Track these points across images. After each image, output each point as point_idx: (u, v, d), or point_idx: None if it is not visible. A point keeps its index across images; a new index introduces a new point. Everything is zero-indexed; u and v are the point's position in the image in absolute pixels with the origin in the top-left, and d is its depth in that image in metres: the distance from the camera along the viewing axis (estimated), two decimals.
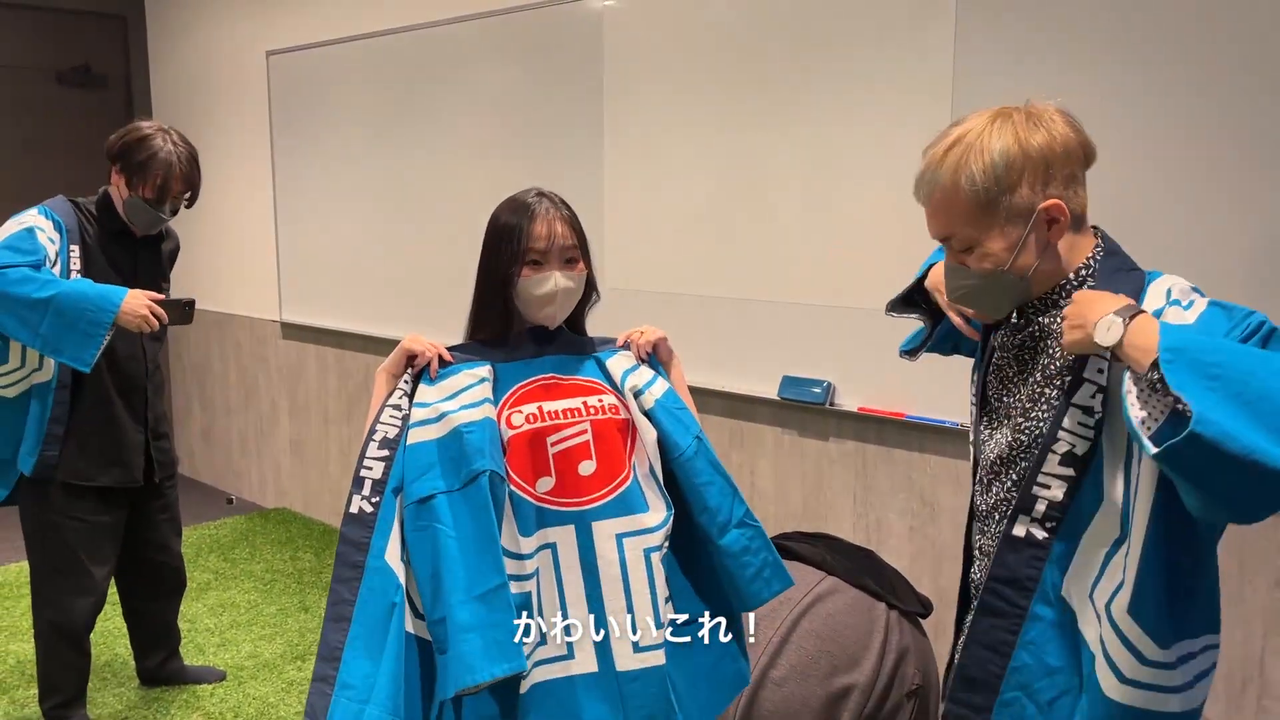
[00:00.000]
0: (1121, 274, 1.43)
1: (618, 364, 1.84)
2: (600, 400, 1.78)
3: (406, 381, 1.76)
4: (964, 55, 2.59)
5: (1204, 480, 1.17)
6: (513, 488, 1.69)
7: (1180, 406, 1.16)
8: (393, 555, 1.65)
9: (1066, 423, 1.40)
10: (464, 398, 1.71)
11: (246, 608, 3.89)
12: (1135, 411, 1.24)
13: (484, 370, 1.75)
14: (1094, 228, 1.48)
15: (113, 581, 3.04)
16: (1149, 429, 1.21)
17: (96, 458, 2.81)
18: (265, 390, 5.15)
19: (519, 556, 1.68)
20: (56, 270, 2.63)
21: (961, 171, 1.38)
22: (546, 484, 1.72)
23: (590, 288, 1.86)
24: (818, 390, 2.95)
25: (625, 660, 1.69)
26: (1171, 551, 1.32)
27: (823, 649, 2.41)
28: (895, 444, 2.86)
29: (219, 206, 5.24)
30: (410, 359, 1.77)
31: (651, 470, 1.77)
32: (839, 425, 2.97)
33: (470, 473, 1.64)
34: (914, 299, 1.81)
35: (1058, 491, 1.40)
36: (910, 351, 1.88)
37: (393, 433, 1.71)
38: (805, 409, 3.03)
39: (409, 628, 1.65)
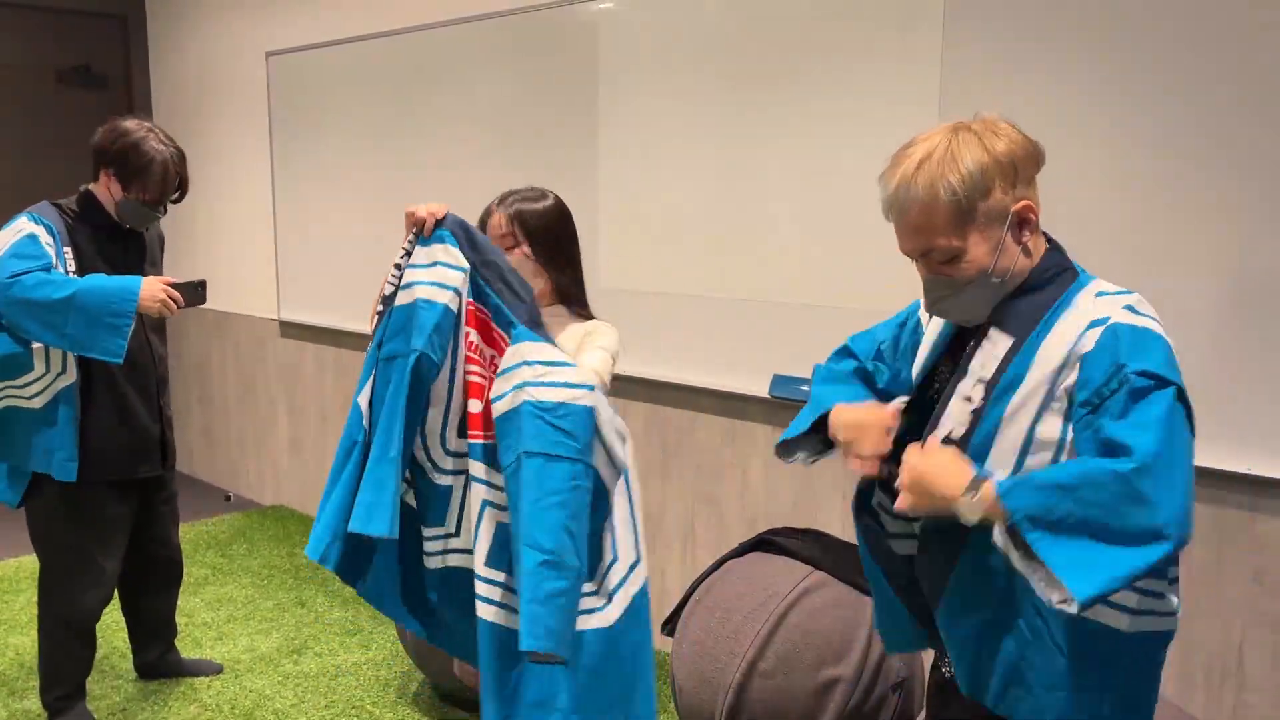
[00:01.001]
0: (1054, 272, 1.50)
1: (537, 349, 1.85)
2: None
3: (410, 241, 1.90)
4: (951, 63, 2.64)
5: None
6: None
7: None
8: (364, 396, 1.88)
9: (950, 407, 1.49)
10: (437, 273, 1.87)
11: (244, 602, 3.93)
12: (1030, 570, 1.39)
13: (459, 267, 1.89)
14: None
15: None
16: (1057, 593, 1.34)
17: (121, 452, 2.86)
18: (264, 389, 5.19)
19: (456, 454, 1.91)
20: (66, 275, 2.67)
21: (939, 183, 1.41)
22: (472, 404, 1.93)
23: (552, 269, 2.07)
24: (808, 388, 2.99)
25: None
26: None
27: (810, 642, 2.45)
28: None
29: (218, 206, 5.29)
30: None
31: None
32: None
33: (410, 348, 1.83)
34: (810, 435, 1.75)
35: None
36: (787, 447, 1.79)
37: (389, 290, 1.90)
38: (796, 407, 3.06)
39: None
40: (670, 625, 2.81)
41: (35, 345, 2.68)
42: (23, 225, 2.68)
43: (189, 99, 5.40)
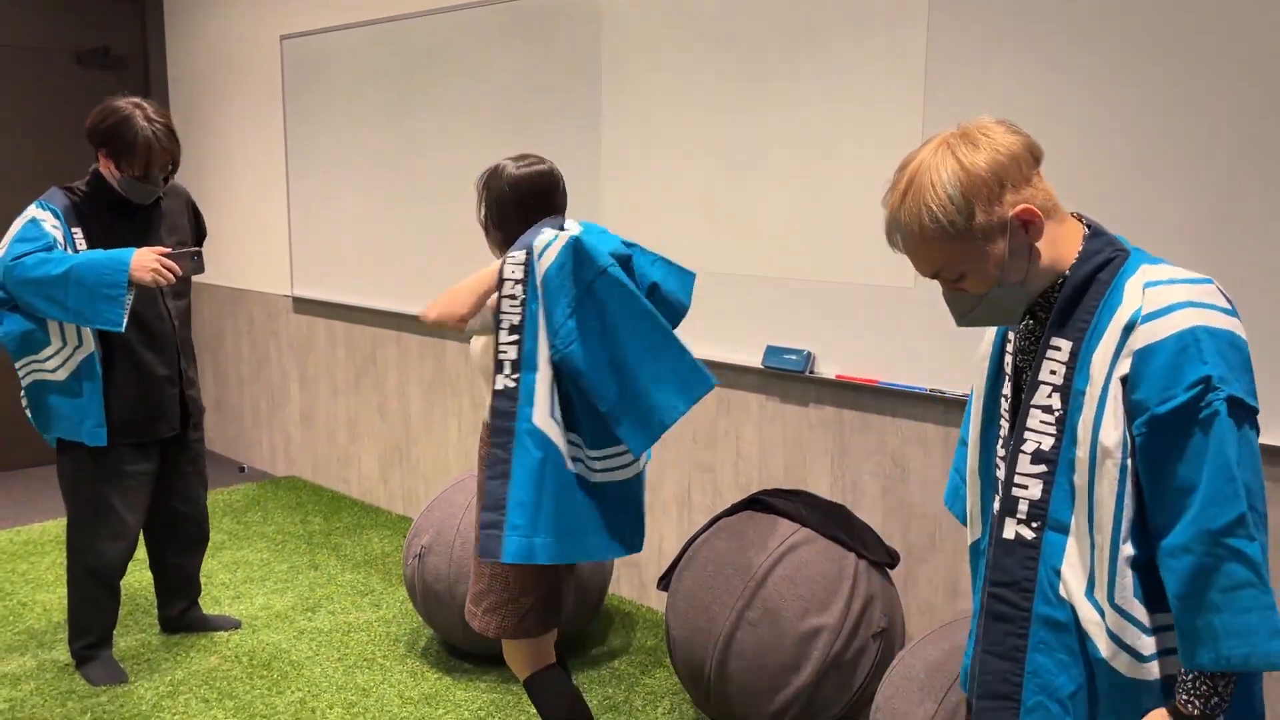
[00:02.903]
0: (1099, 264, 1.44)
1: None
2: None
3: (517, 268, 2.13)
4: (936, 46, 2.77)
5: None
6: None
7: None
8: (540, 418, 2.07)
9: (1030, 422, 1.45)
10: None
11: (259, 565, 4.09)
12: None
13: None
14: (1076, 214, 1.50)
15: (141, 534, 3.25)
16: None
17: (141, 415, 3.04)
18: (276, 362, 5.35)
19: None
20: (68, 253, 2.85)
21: (922, 214, 1.39)
22: None
23: (496, 230, 2.32)
24: (799, 359, 3.14)
25: None
26: (1140, 538, 1.40)
27: (795, 593, 2.61)
28: (870, 409, 3.05)
29: (233, 185, 5.43)
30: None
31: None
32: (818, 392, 3.16)
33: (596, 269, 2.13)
34: None
35: (1035, 490, 1.45)
36: None
37: (517, 319, 2.12)
38: (787, 377, 3.22)
39: (570, 468, 2.11)
40: (665, 581, 2.97)
41: (51, 324, 2.87)
42: (28, 212, 2.90)
43: (205, 81, 5.54)
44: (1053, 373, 1.44)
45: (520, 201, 2.24)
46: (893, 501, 3.04)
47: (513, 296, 2.10)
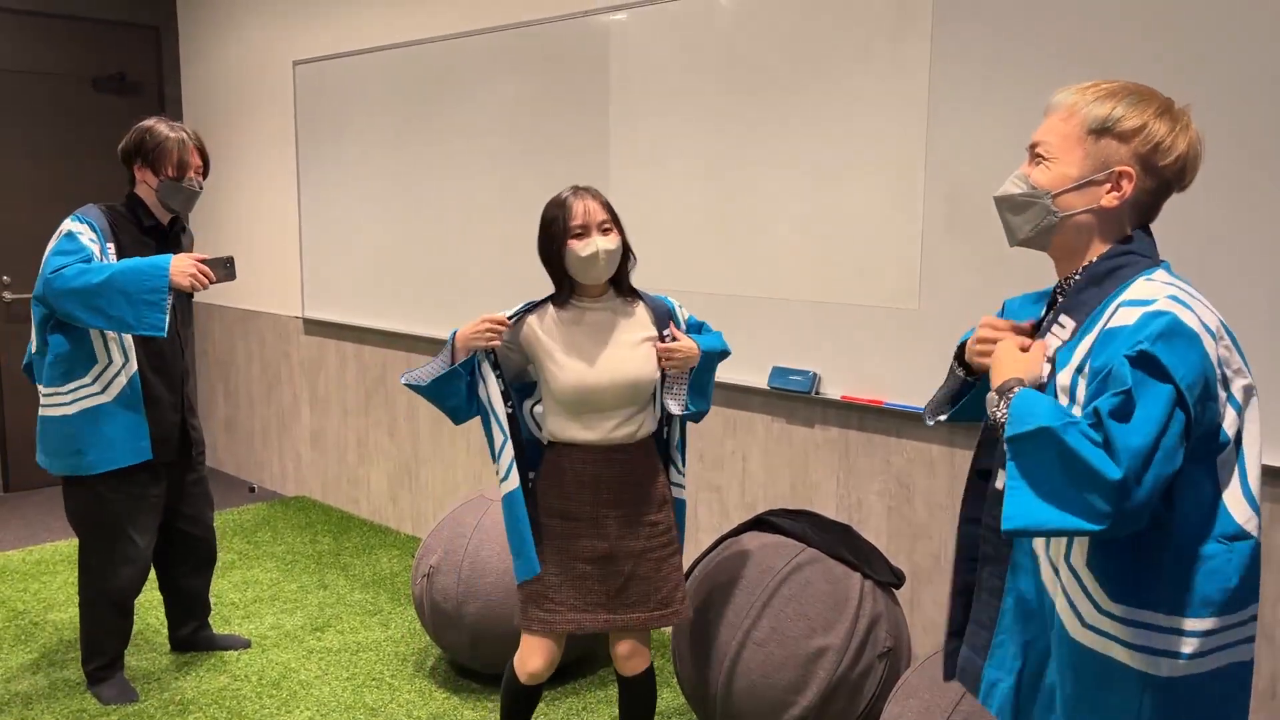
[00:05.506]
0: (1123, 262, 1.52)
1: None
2: None
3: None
4: (938, 71, 2.81)
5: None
6: None
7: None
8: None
9: None
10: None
11: (269, 585, 4.12)
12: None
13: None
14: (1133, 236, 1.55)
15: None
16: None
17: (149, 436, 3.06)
18: (287, 383, 5.39)
19: None
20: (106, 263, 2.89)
21: (1098, 102, 1.51)
22: None
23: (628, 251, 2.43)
24: (804, 380, 3.16)
25: None
26: None
27: (801, 613, 2.62)
28: (875, 430, 3.07)
29: (246, 208, 5.50)
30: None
31: None
32: (824, 413, 3.19)
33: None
34: (954, 390, 1.81)
35: None
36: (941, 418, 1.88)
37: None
38: (793, 398, 3.24)
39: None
40: None
41: (96, 342, 2.90)
42: (65, 226, 2.93)
43: (218, 106, 5.62)
44: (1049, 346, 1.56)
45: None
46: (898, 522, 3.05)
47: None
